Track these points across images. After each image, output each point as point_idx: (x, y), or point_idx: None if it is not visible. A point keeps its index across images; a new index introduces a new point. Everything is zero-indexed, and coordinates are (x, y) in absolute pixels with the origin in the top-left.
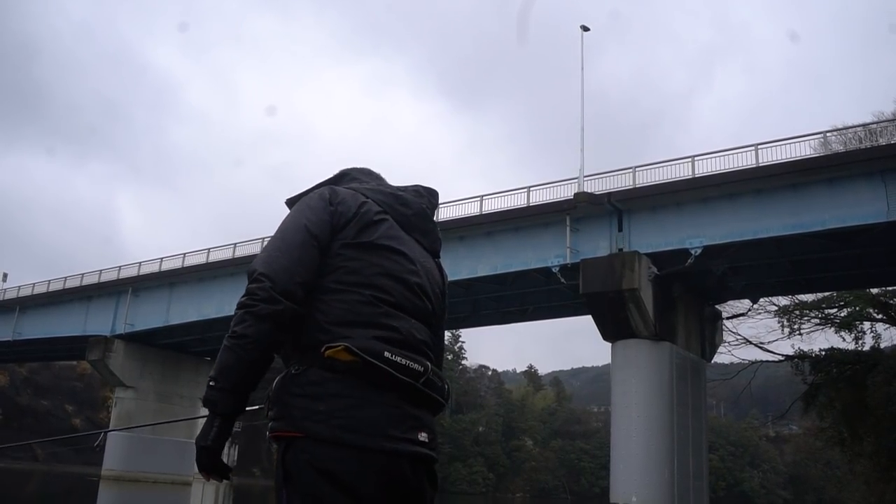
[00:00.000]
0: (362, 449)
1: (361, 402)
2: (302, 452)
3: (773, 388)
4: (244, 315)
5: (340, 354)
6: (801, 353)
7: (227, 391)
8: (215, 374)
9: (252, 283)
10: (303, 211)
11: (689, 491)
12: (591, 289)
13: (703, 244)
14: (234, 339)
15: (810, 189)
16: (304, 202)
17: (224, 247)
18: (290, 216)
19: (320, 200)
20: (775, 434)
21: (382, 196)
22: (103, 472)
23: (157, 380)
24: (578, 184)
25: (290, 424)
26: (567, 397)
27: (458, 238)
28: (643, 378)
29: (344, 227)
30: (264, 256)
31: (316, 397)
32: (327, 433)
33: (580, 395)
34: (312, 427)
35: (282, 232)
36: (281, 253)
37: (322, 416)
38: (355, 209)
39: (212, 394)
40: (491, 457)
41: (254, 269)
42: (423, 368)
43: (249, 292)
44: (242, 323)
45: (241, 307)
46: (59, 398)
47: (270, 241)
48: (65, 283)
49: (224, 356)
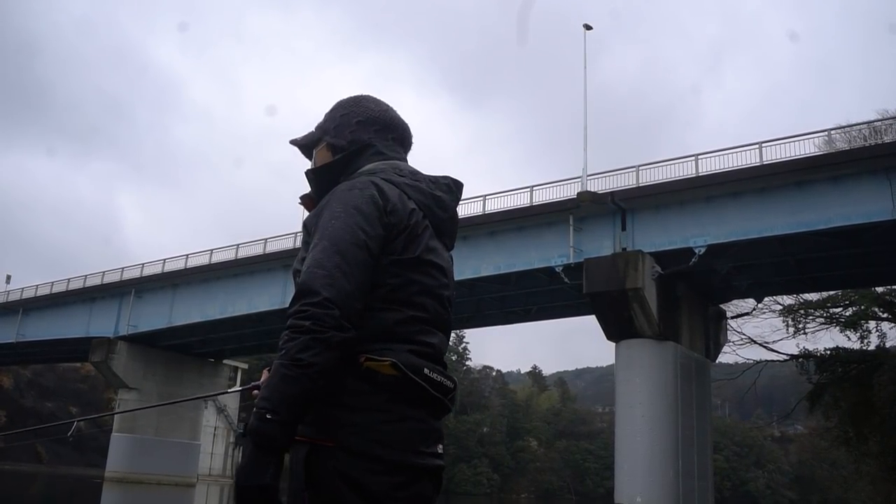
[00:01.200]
0: (392, 464)
1: (396, 417)
2: (330, 460)
3: (777, 388)
4: (310, 342)
5: (384, 368)
6: (805, 353)
7: (287, 424)
8: (274, 405)
9: (316, 307)
10: (355, 218)
11: (693, 491)
12: (594, 288)
13: (707, 243)
14: (299, 367)
15: (815, 187)
16: (353, 203)
17: (227, 248)
18: (340, 221)
19: (375, 208)
20: (780, 434)
21: (422, 196)
22: (107, 474)
23: (161, 381)
24: (582, 183)
25: (322, 432)
26: (571, 398)
27: (462, 238)
28: (647, 378)
29: (393, 241)
30: (324, 275)
31: (352, 408)
32: (361, 446)
33: (584, 396)
34: (346, 438)
35: (337, 244)
36: (343, 274)
37: (357, 428)
38: (406, 220)
39: (270, 427)
40: (495, 458)
41: (315, 289)
42: (453, 385)
43: (315, 317)
44: (309, 350)
45: (306, 332)
46: (63, 400)
47: (324, 251)
48: (68, 285)
49: (285, 386)
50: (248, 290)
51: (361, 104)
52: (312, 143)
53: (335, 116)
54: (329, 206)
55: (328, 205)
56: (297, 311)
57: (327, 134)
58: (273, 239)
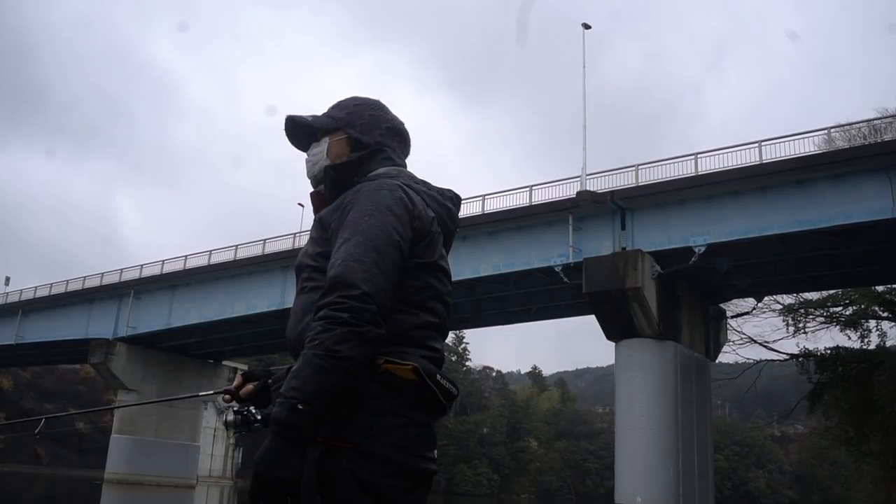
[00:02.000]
0: (403, 468)
1: (408, 421)
2: (346, 462)
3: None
4: (348, 335)
5: (404, 373)
6: (806, 352)
7: (318, 416)
8: (308, 396)
9: (354, 300)
10: (389, 219)
11: (694, 491)
12: (594, 288)
13: (707, 242)
14: (336, 359)
15: (815, 186)
16: (386, 204)
17: (226, 248)
18: (375, 219)
19: (405, 211)
20: (781, 434)
21: (437, 206)
22: (106, 475)
23: (160, 383)
24: (581, 182)
25: (338, 433)
26: (572, 398)
27: (461, 238)
28: (647, 378)
29: (417, 245)
30: (362, 270)
31: (369, 410)
32: (379, 450)
33: (585, 396)
34: (364, 441)
35: (373, 241)
36: (380, 272)
37: (375, 430)
38: (428, 226)
39: (301, 419)
40: (495, 458)
41: (354, 282)
42: (458, 391)
43: (354, 310)
44: (347, 343)
45: (343, 324)
46: (63, 402)
47: (359, 246)
48: (67, 286)
49: (320, 377)
50: (246, 291)
51: (386, 110)
52: (326, 129)
53: (362, 114)
54: (357, 203)
55: (356, 202)
56: (333, 302)
57: (351, 127)
58: (272, 240)
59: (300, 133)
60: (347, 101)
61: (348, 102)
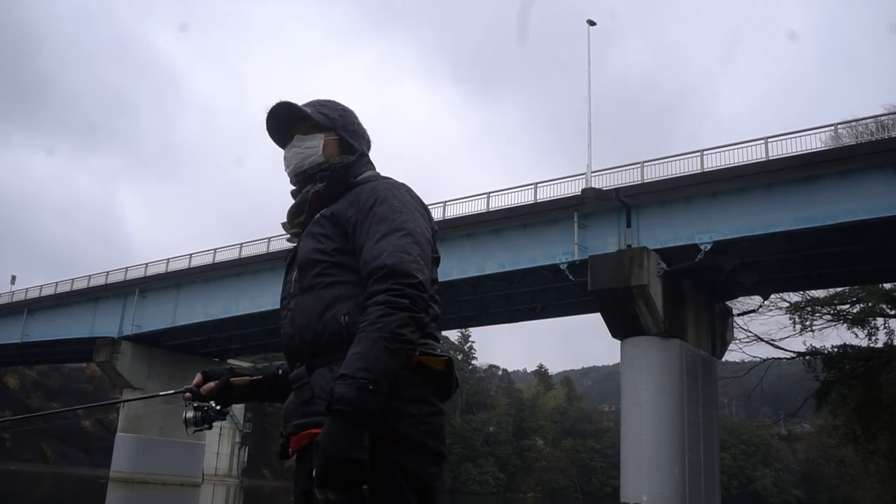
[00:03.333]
0: (437, 455)
1: (438, 410)
2: (391, 453)
3: (784, 386)
4: (409, 319)
5: (437, 364)
6: (813, 350)
7: (385, 397)
8: (376, 377)
9: (413, 288)
10: (420, 219)
11: (700, 489)
12: (599, 285)
13: (713, 239)
14: (400, 342)
15: (822, 182)
16: (411, 203)
17: (230, 247)
18: (409, 216)
19: (425, 210)
20: (787, 432)
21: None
22: (111, 474)
23: (165, 381)
24: (586, 179)
25: (380, 424)
26: (578, 396)
27: (466, 235)
28: (653, 376)
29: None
30: (413, 261)
31: (409, 400)
32: (419, 438)
33: (591, 395)
34: (406, 430)
35: (415, 236)
36: (425, 263)
37: (414, 420)
38: (434, 225)
39: (372, 399)
40: (501, 457)
41: (411, 272)
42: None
43: (413, 297)
44: (408, 327)
45: (405, 309)
46: (69, 400)
47: (402, 238)
48: (72, 285)
49: (387, 358)
50: (251, 290)
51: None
52: (322, 126)
53: (352, 121)
54: (384, 200)
55: (382, 199)
56: (391, 288)
57: (344, 130)
58: (276, 238)
59: (286, 122)
60: (332, 103)
61: (335, 105)
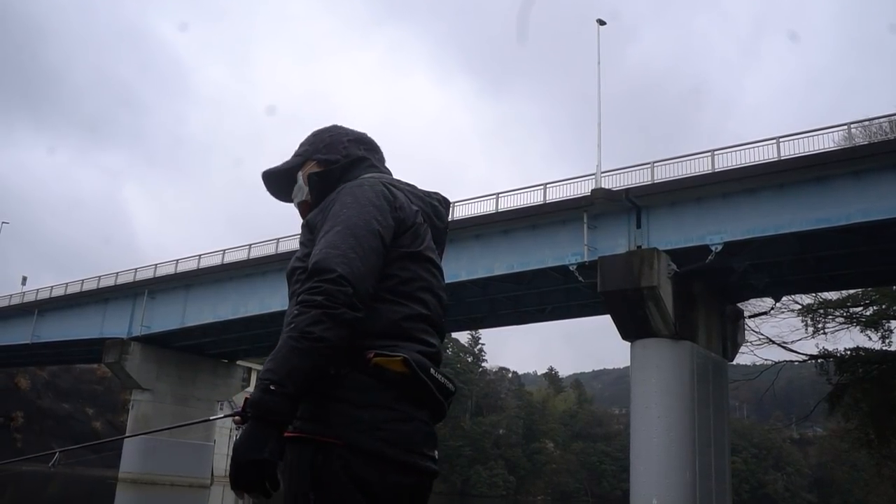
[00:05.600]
0: (399, 464)
1: (402, 416)
2: (338, 459)
3: (796, 389)
4: (322, 316)
5: (394, 365)
6: (825, 353)
7: (291, 398)
8: (279, 377)
9: (329, 283)
10: (369, 210)
11: (710, 493)
12: (609, 287)
13: (724, 240)
14: (309, 340)
15: (834, 182)
16: (367, 197)
17: (239, 248)
18: (353, 210)
19: (385, 201)
20: (799, 436)
21: (423, 204)
22: (120, 475)
23: (174, 382)
24: (596, 180)
25: (327, 429)
26: (588, 399)
27: (475, 236)
28: (663, 378)
29: (401, 236)
30: (339, 255)
31: (359, 405)
32: (370, 445)
33: (601, 398)
34: (355, 436)
35: (351, 228)
36: (357, 256)
37: (365, 426)
38: (412, 218)
39: (272, 399)
40: (511, 459)
41: (331, 267)
42: (454, 388)
43: (328, 293)
44: (320, 324)
45: (317, 307)
46: (80, 401)
47: (338, 234)
48: (82, 286)
49: (293, 358)
50: (260, 291)
51: (343, 128)
52: (296, 166)
53: (322, 138)
54: (339, 199)
55: (338, 199)
56: (309, 287)
57: (317, 153)
58: (285, 239)
59: (281, 183)
60: (307, 137)
61: (307, 137)
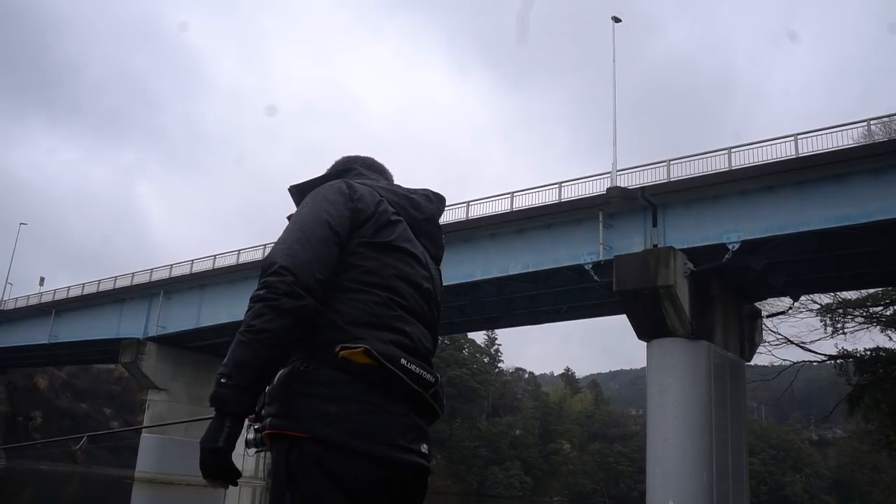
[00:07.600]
0: (370, 457)
1: (373, 408)
2: (308, 454)
3: (815, 390)
4: (263, 309)
5: (358, 357)
6: (844, 353)
7: (241, 389)
8: (228, 370)
9: (271, 275)
10: (321, 204)
11: (728, 494)
12: (624, 286)
13: (742, 238)
14: (252, 333)
15: (854, 180)
16: (321, 195)
17: (254, 248)
18: (307, 208)
19: (339, 195)
20: (818, 437)
21: (396, 197)
22: (136, 475)
23: (189, 382)
24: (611, 178)
25: (296, 424)
26: (605, 400)
27: (490, 236)
28: (679, 378)
29: (362, 225)
30: (283, 248)
31: (326, 399)
32: (336, 437)
33: (618, 398)
34: (321, 430)
35: (300, 224)
36: (301, 246)
37: (332, 419)
38: (373, 207)
39: (223, 391)
40: (528, 460)
41: (273, 261)
42: (434, 379)
43: (269, 285)
44: (261, 317)
45: (259, 300)
46: (98, 401)
47: (287, 232)
48: (98, 286)
49: (239, 351)
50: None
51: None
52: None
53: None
54: (302, 202)
55: (302, 203)
56: (258, 286)
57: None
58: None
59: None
60: None
61: None
